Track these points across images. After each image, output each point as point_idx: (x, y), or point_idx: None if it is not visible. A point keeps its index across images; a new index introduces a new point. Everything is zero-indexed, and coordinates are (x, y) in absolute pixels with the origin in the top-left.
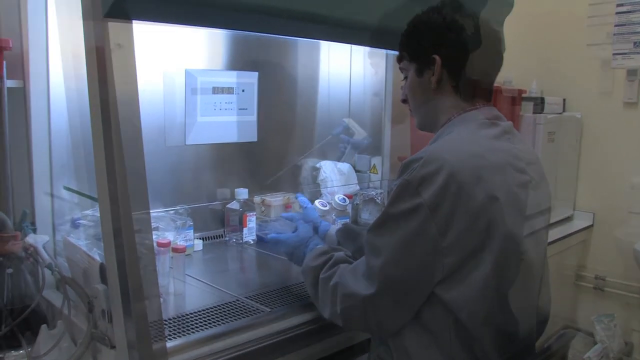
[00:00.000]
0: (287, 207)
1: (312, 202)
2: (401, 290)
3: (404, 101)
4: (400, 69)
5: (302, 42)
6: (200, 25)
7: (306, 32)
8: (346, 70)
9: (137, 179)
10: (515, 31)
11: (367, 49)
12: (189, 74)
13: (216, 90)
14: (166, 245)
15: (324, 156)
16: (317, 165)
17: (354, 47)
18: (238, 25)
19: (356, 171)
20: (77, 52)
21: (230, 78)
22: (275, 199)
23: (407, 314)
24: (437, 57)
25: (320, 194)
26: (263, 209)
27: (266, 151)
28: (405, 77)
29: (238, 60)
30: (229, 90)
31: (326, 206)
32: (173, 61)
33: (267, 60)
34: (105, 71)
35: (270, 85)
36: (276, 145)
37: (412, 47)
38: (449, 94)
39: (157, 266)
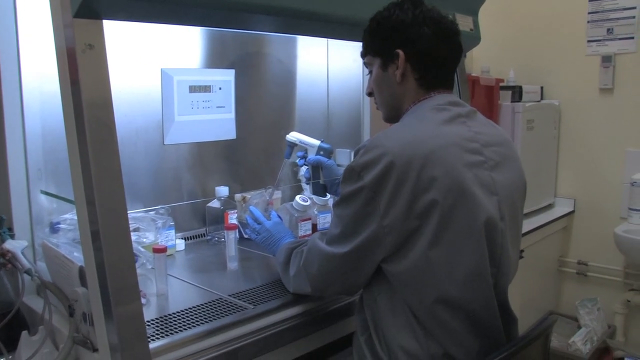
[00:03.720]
0: (269, 203)
1: (293, 198)
2: (353, 257)
3: (370, 94)
4: (364, 63)
5: (278, 37)
6: (175, 23)
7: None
8: (323, 63)
9: (114, 181)
10: (491, 21)
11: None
12: (164, 74)
13: (193, 89)
14: (162, 250)
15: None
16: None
17: (331, 40)
18: (212, 22)
19: (337, 165)
20: (50, 54)
21: (207, 76)
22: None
23: (360, 278)
24: (400, 52)
25: (302, 190)
26: (244, 206)
27: (245, 148)
28: (370, 72)
29: (214, 58)
30: (205, 89)
31: (307, 201)
32: (148, 60)
33: (243, 57)
34: (77, 73)
35: (247, 82)
36: (255, 142)
37: (375, 43)
38: (411, 86)
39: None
